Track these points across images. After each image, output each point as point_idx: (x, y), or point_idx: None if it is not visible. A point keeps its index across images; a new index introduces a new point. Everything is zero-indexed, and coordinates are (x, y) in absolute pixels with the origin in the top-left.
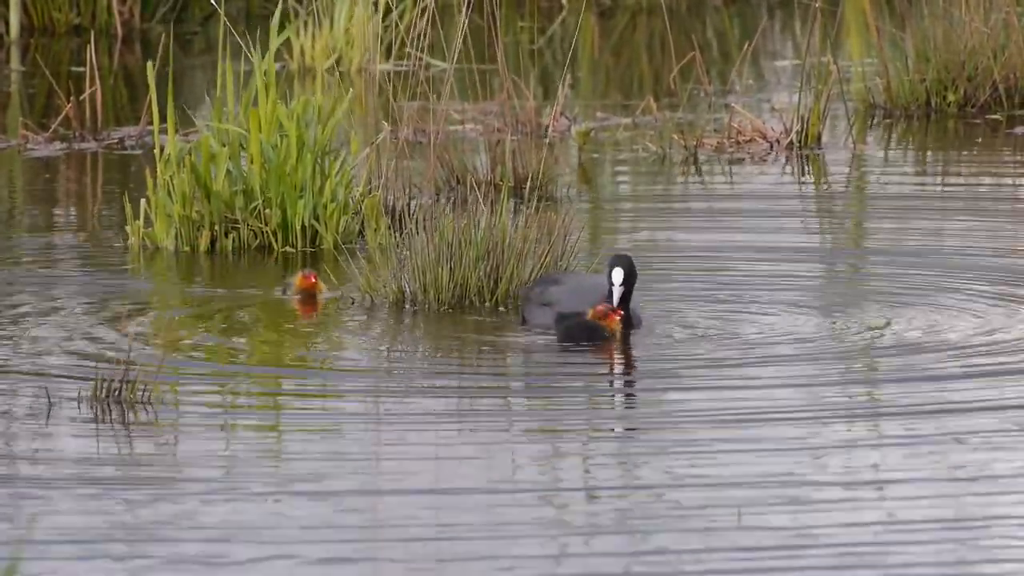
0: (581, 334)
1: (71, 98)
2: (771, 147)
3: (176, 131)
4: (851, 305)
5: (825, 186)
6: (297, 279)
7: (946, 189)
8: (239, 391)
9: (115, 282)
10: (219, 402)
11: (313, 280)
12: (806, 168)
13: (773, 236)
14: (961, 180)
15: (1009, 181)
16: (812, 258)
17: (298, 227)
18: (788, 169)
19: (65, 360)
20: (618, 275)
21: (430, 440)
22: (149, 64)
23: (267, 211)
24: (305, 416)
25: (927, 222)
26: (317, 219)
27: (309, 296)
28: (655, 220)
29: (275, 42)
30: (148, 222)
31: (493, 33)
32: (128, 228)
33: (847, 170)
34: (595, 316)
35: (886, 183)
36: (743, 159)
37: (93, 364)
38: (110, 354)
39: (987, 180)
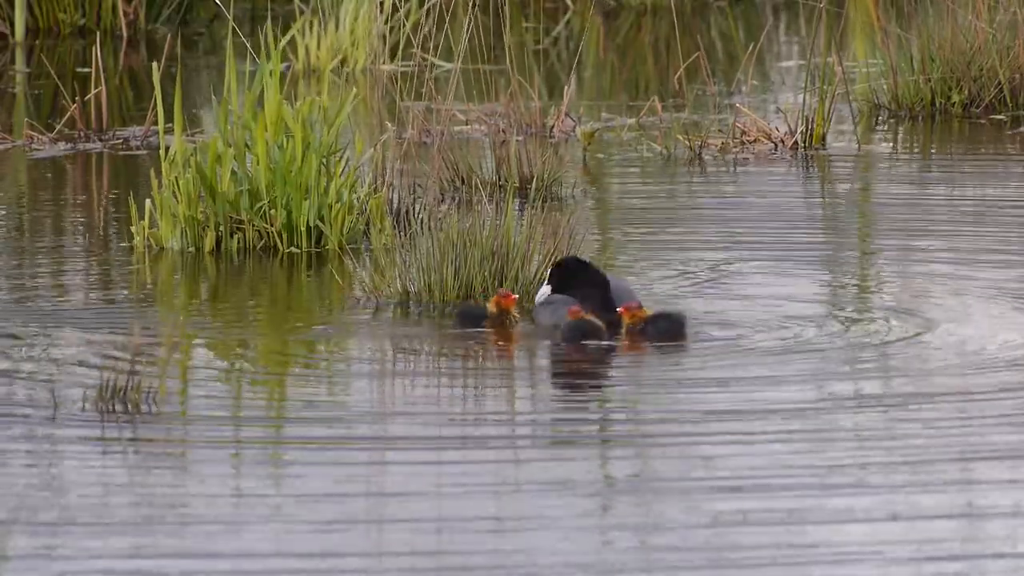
0: (582, 334)
1: (76, 99)
2: (776, 148)
3: (182, 131)
4: (858, 309)
5: (830, 187)
6: (492, 301)
7: (951, 189)
8: (244, 394)
9: (121, 283)
10: (224, 404)
11: (514, 299)
12: (811, 169)
13: (778, 237)
14: (967, 180)
15: (1015, 181)
16: (817, 259)
17: (303, 228)
18: (793, 170)
19: (70, 361)
20: (545, 291)
21: (433, 444)
22: (154, 65)
23: (272, 212)
24: (309, 416)
25: (932, 223)
26: (322, 220)
27: (503, 321)
28: (660, 221)
29: (273, 58)
30: (153, 223)
31: (500, 33)
32: (133, 228)
33: (852, 170)
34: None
35: (891, 184)
36: (748, 160)
37: (98, 366)
38: (115, 356)
39: (993, 180)
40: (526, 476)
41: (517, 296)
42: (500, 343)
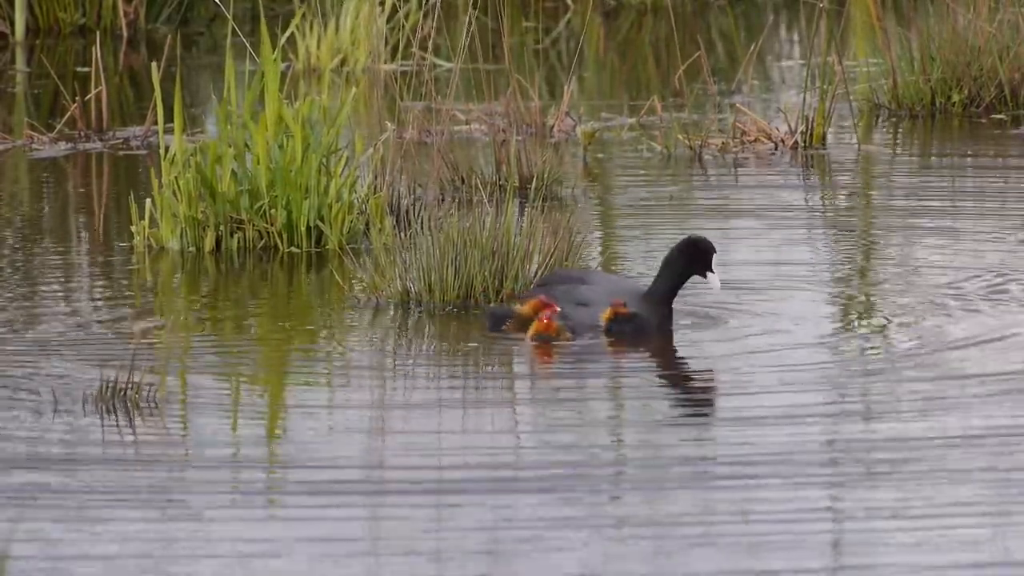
0: (626, 329)
1: (76, 98)
2: (776, 147)
3: (183, 131)
4: (858, 309)
5: (830, 186)
6: (533, 327)
7: (952, 189)
8: (244, 392)
9: (120, 282)
10: (223, 404)
11: (552, 324)
12: (811, 168)
13: (777, 237)
14: (967, 180)
15: (1016, 181)
16: (816, 259)
17: (303, 228)
18: (793, 169)
19: (71, 359)
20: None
21: (433, 445)
22: (153, 64)
23: (272, 211)
24: (309, 417)
25: (933, 222)
26: (322, 219)
27: (525, 327)
28: (660, 220)
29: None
30: (153, 222)
31: (499, 33)
32: (133, 228)
33: (852, 170)
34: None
35: (891, 183)
36: (748, 159)
37: (99, 364)
38: (116, 354)
39: (993, 180)
40: (532, 516)
41: (555, 322)
42: (539, 357)
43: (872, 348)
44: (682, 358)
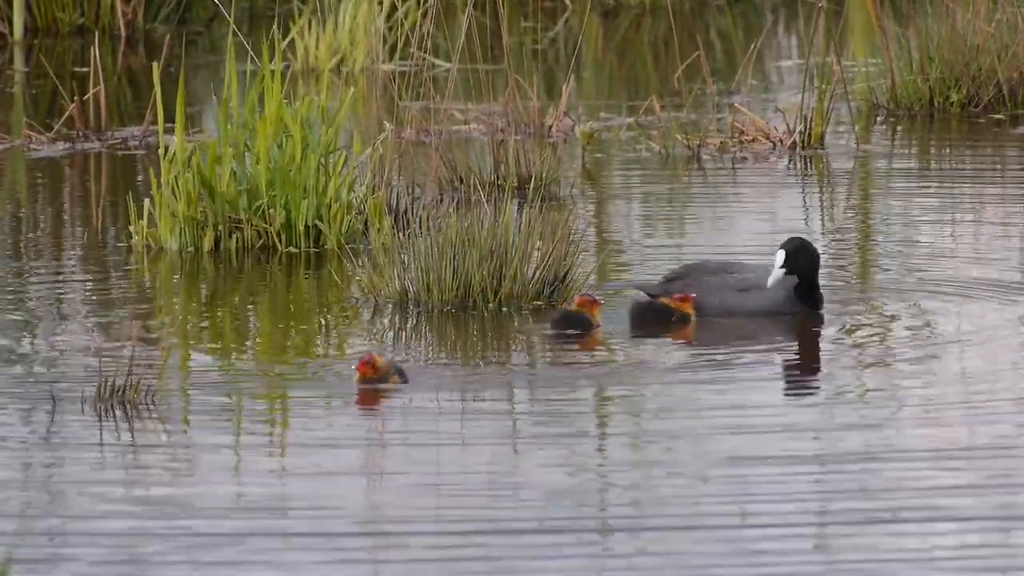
0: (653, 318)
1: (75, 98)
2: (774, 147)
3: (183, 131)
4: (856, 309)
5: (828, 186)
6: (359, 371)
7: (950, 189)
8: (243, 393)
9: (119, 282)
10: (223, 403)
11: (376, 367)
12: (809, 168)
13: (776, 237)
14: (965, 180)
15: (1013, 180)
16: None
17: (302, 227)
18: (791, 169)
19: (69, 360)
20: (779, 256)
21: (432, 444)
22: (154, 64)
23: (271, 211)
24: (308, 417)
25: (931, 222)
26: (321, 219)
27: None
28: (658, 220)
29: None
30: (152, 222)
31: (498, 33)
32: (132, 228)
33: (850, 170)
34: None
35: (889, 183)
36: (746, 159)
37: (97, 364)
38: (114, 354)
39: (991, 180)
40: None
41: (602, 302)
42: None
43: (870, 351)
44: (684, 360)
